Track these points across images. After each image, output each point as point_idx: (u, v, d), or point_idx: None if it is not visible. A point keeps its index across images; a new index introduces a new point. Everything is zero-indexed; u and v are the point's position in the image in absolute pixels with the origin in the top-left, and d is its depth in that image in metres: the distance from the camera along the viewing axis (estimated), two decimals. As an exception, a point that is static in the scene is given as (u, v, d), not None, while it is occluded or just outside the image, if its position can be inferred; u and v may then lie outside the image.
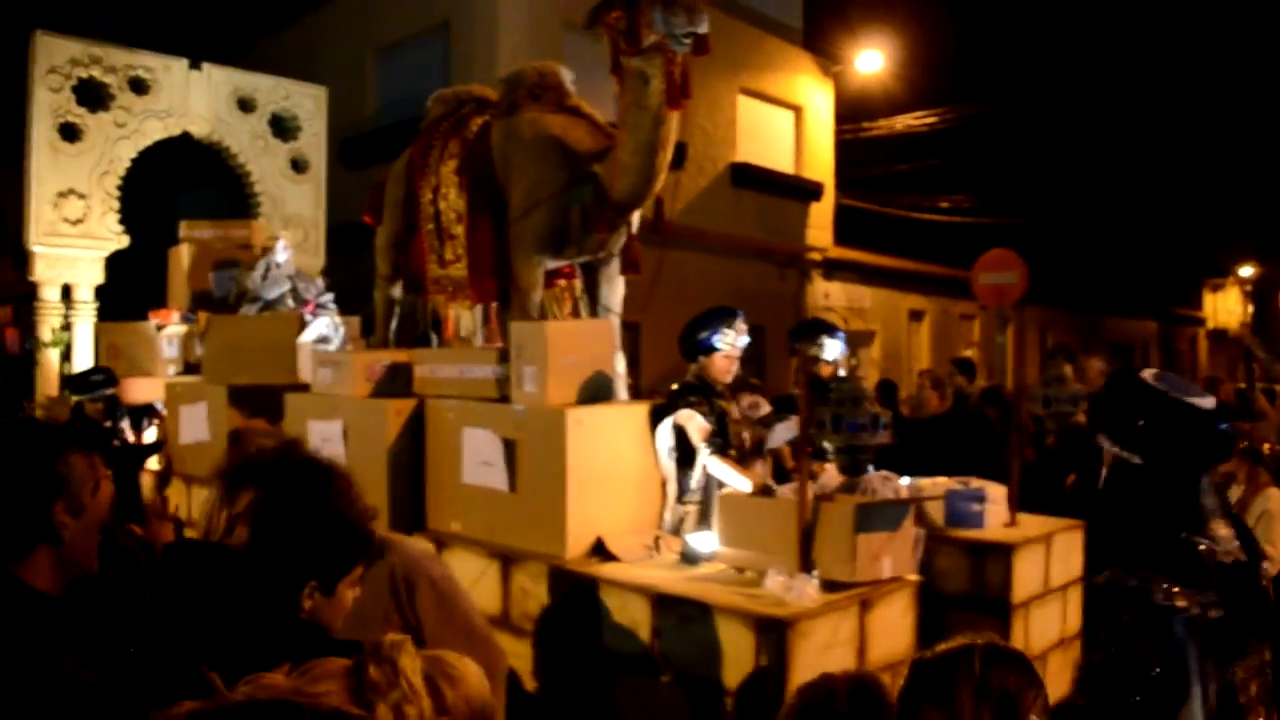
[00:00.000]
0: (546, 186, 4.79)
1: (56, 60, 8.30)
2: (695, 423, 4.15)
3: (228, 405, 5.79)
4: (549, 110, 5.02)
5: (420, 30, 12.23)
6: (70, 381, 6.35)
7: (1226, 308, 33.40)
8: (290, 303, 7.48)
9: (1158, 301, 27.98)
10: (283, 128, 9.82)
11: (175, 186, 12.86)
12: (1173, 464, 2.56)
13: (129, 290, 9.20)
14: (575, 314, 5.20)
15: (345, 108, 10.32)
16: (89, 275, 8.67)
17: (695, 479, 4.20)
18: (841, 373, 4.97)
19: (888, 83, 16.80)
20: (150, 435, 6.68)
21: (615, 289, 5.20)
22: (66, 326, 8.57)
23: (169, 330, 7.49)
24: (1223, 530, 2.56)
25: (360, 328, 7.56)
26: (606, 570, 3.73)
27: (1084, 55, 21.76)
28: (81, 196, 8.49)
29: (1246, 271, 32.21)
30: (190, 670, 1.19)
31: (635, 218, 4.92)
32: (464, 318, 5.96)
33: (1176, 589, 2.47)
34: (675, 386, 4.33)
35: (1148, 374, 2.67)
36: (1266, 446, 5.05)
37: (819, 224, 15.78)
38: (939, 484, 4.49)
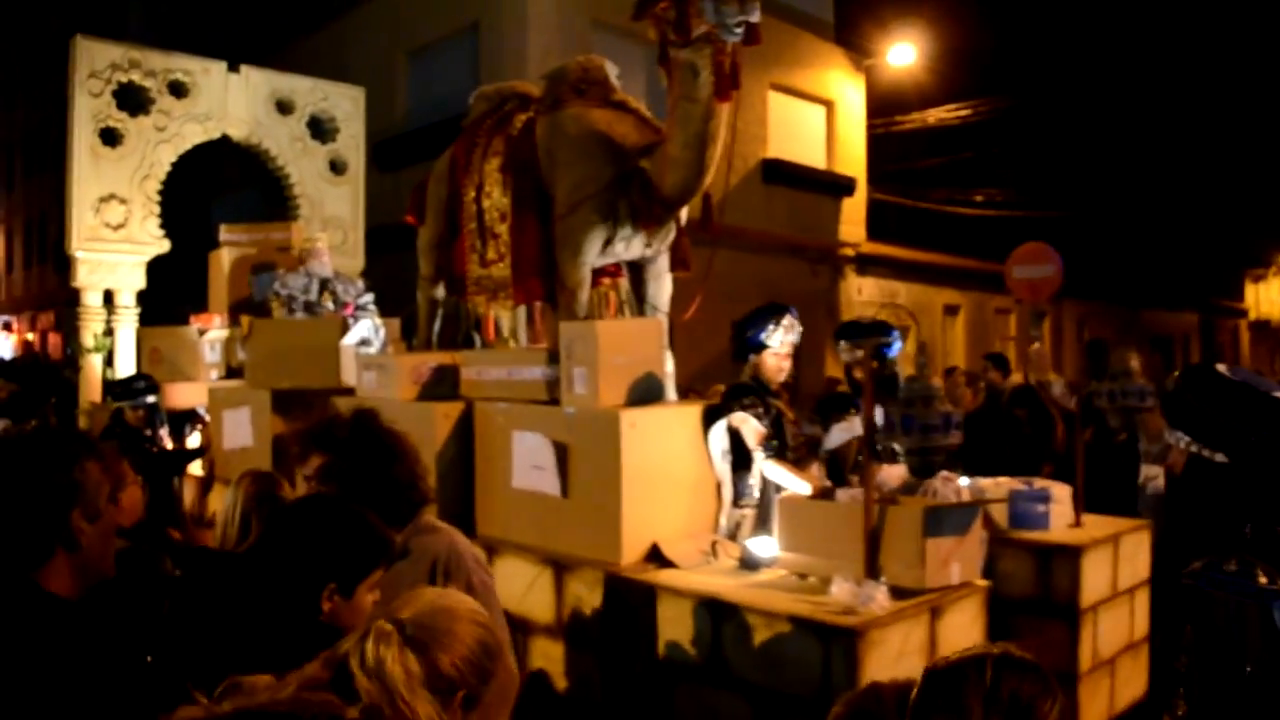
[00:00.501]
0: (593, 182, 4.70)
1: (97, 65, 8.33)
2: (750, 425, 4.05)
3: (271, 410, 5.76)
4: (594, 105, 4.94)
5: (450, 31, 12.27)
6: (112, 387, 6.36)
7: (1269, 298, 32.70)
8: (330, 306, 7.46)
9: (1198, 293, 27.50)
10: (320, 129, 9.81)
11: (209, 191, 12.93)
12: (1260, 459, 2.44)
13: (167, 294, 9.25)
14: (620, 313, 5.12)
15: (377, 110, 10.40)
16: (130, 280, 8.71)
17: (751, 483, 4.11)
18: (895, 369, 4.86)
19: (920, 76, 16.60)
20: (194, 441, 6.67)
21: (663, 287, 5.12)
22: (109, 332, 8.61)
23: (211, 335, 7.49)
24: None
25: (400, 329, 7.53)
26: (664, 577, 3.64)
27: (1120, 45, 21.40)
28: (123, 201, 8.52)
29: None
30: (207, 677, 1.22)
31: (683, 214, 4.84)
32: (504, 319, 5.91)
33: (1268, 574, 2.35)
34: (728, 388, 4.24)
35: (1223, 368, 2.55)
36: None
37: (851, 219, 15.62)
38: (1001, 484, 4.37)
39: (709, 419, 4.18)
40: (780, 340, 4.21)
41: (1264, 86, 22.95)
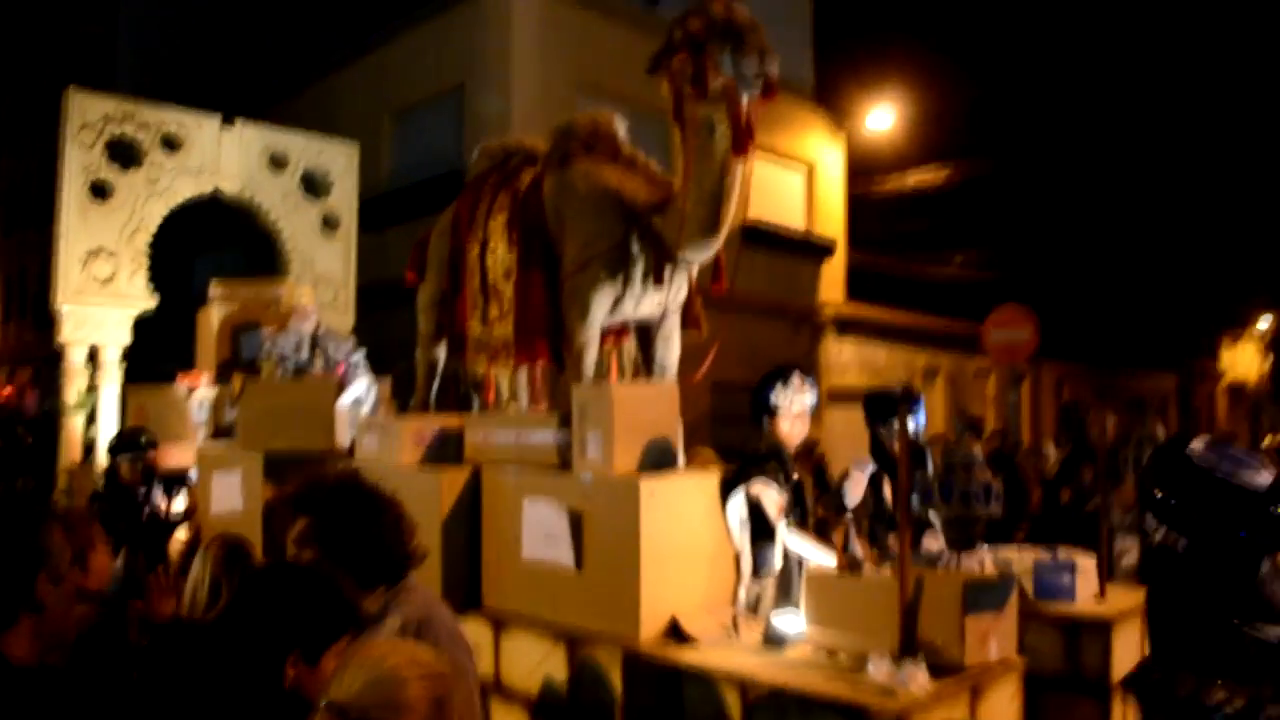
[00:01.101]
0: (603, 240, 4.62)
1: (89, 116, 8.23)
2: (770, 495, 3.93)
3: (263, 473, 5.57)
4: (603, 161, 4.88)
5: (435, 92, 12.37)
6: (114, 439, 6.15)
7: (1244, 361, 33.16)
8: (321, 365, 7.31)
9: (1175, 355, 27.79)
10: (314, 185, 9.73)
11: (193, 248, 12.81)
12: (1221, 548, 2.29)
13: (149, 352, 9.06)
14: (623, 375, 5.03)
15: (362, 169, 10.41)
16: (117, 336, 8.51)
17: (772, 554, 3.97)
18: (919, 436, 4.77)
19: (899, 139, 16.81)
20: (180, 504, 6.46)
21: (672, 348, 5.01)
22: (92, 389, 8.39)
23: (200, 394, 7.31)
24: None
25: (391, 389, 7.39)
26: (688, 656, 3.48)
27: (1097, 108, 21.85)
28: (111, 255, 8.36)
29: (1264, 324, 32.04)
30: None
31: (693, 273, 4.78)
32: (503, 380, 5.80)
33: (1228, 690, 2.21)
34: (744, 454, 4.12)
35: (1197, 445, 2.40)
36: None
37: (831, 281, 15.69)
38: (1024, 554, 4.26)
39: (726, 487, 4.05)
40: (791, 401, 4.11)
41: (1239, 151, 23.48)
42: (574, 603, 3.86)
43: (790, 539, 3.89)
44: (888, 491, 4.59)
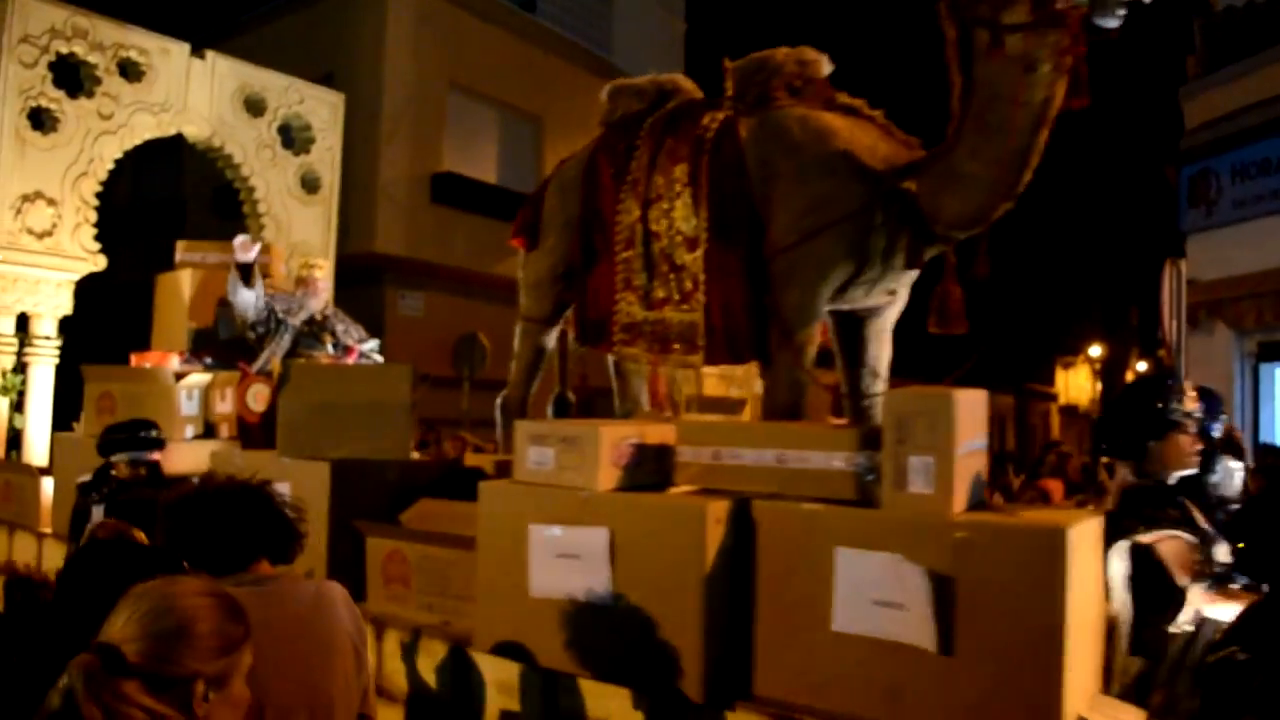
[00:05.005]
0: (837, 205, 3.59)
1: (33, 28, 6.53)
2: (1176, 545, 2.88)
3: (330, 489, 4.13)
4: (817, 108, 3.83)
5: (303, 80, 11.34)
6: (110, 436, 4.52)
7: (1078, 384, 35.79)
8: (330, 349, 5.99)
9: (1013, 378, 29.66)
10: (290, 138, 8.16)
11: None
12: None
13: (93, 325, 7.32)
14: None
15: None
16: (54, 303, 6.78)
17: (1166, 627, 2.91)
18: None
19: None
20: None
21: (884, 347, 4.04)
22: (20, 369, 6.61)
23: (190, 380, 5.69)
24: None
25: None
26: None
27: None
28: (51, 203, 6.65)
29: (1095, 351, 34.69)
30: None
31: (951, 254, 3.74)
32: (635, 380, 4.66)
33: None
34: (1126, 491, 3.05)
35: None
36: None
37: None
38: None
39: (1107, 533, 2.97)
40: (1194, 414, 3.07)
41: (1079, 189, 24.88)
42: (931, 702, 2.67)
43: (1209, 605, 2.84)
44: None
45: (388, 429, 4.49)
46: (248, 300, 5.37)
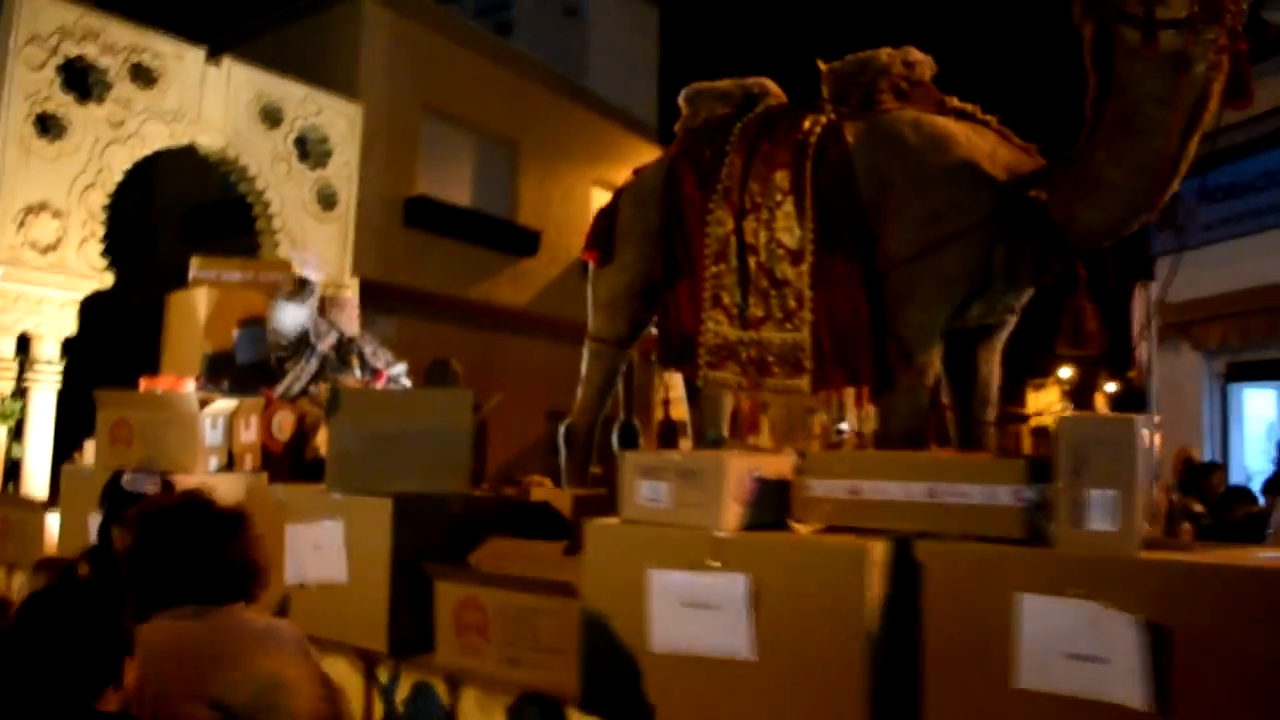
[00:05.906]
0: (963, 214, 3.29)
1: (41, 28, 6.10)
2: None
3: (392, 525, 3.70)
4: (928, 111, 3.54)
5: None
6: (115, 487, 4.06)
7: (1048, 405, 36.69)
8: (358, 373, 5.63)
9: None
10: (307, 150, 7.76)
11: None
12: None
13: (97, 347, 6.84)
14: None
15: (192, 178, 9.35)
16: (58, 324, 6.30)
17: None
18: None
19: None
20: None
21: (995, 368, 3.73)
22: (20, 393, 6.13)
23: (215, 407, 5.24)
24: None
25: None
26: None
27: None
28: (57, 215, 6.19)
29: (1065, 373, 35.61)
30: None
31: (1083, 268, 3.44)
32: (722, 407, 4.29)
33: None
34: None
35: None
36: None
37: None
38: None
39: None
40: None
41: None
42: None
43: None
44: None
45: (449, 459, 4.03)
46: (298, 319, 4.98)
